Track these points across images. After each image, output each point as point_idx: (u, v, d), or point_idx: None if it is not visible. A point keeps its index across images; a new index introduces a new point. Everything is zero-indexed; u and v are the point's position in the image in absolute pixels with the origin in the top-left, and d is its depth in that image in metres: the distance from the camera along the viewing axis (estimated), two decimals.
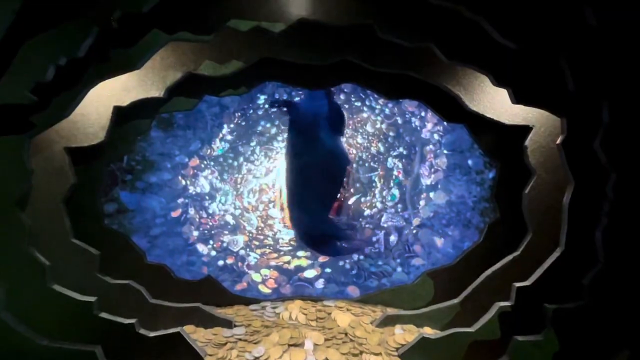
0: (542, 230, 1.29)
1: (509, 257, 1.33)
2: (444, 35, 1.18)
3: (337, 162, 1.68)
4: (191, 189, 1.70)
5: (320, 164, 1.65)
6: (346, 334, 1.31)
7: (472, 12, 1.07)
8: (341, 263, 1.72)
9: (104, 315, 1.15)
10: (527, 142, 1.28)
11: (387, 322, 1.37)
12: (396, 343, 1.27)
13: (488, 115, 1.33)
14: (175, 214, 1.67)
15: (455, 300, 1.36)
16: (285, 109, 1.72)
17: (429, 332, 1.32)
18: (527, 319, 1.16)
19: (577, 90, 1.08)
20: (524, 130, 1.29)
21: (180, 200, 1.68)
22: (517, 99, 1.17)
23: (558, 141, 1.15)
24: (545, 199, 1.29)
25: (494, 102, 1.33)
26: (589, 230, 1.11)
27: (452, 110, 1.45)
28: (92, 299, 1.14)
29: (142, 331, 1.16)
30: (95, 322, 1.14)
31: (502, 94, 1.28)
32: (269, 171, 1.84)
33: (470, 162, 1.66)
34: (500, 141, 1.46)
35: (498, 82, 1.19)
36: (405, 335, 1.29)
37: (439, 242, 1.68)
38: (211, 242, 1.71)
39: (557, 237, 1.18)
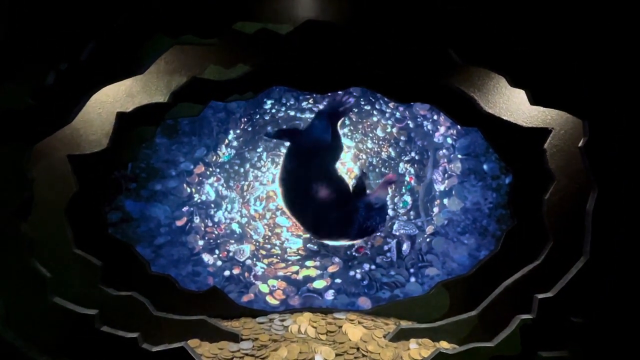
0: (564, 238, 1.25)
1: (529, 267, 1.29)
2: (457, 35, 1.15)
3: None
4: (196, 197, 1.67)
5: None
6: (358, 349, 1.28)
7: (487, 11, 1.04)
8: (352, 273, 1.69)
9: (105, 329, 1.12)
10: (546, 146, 1.25)
11: (401, 335, 1.34)
12: (411, 358, 1.23)
13: (504, 117, 1.30)
14: (180, 223, 1.65)
15: (473, 313, 1.32)
16: (284, 139, 1.70)
17: (445, 346, 1.28)
18: (551, 332, 1.12)
19: (599, 90, 1.04)
20: (543, 133, 1.26)
21: (185, 209, 1.66)
22: (535, 100, 1.13)
23: (580, 144, 1.11)
24: (567, 205, 1.25)
25: (510, 104, 1.29)
26: (614, 238, 1.07)
27: (466, 113, 1.42)
28: (93, 312, 1.12)
29: (145, 346, 1.13)
30: (96, 337, 1.11)
31: (519, 96, 1.25)
32: (276, 178, 1.82)
33: (485, 167, 1.62)
34: (518, 145, 1.43)
35: (515, 83, 1.15)
36: (420, 350, 1.25)
37: (453, 251, 1.64)
38: (217, 251, 1.68)
39: (580, 245, 1.14)
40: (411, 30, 1.20)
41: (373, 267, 1.69)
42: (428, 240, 1.67)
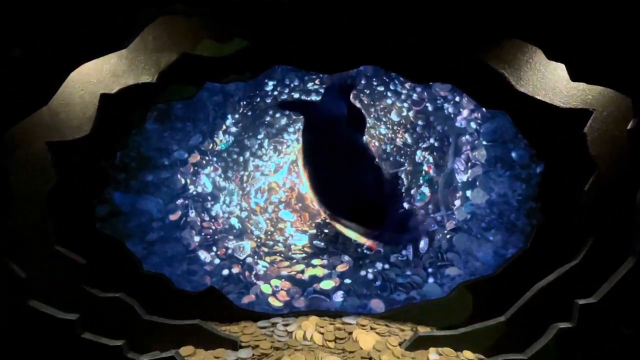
0: (606, 235, 1.17)
1: (566, 267, 1.22)
2: (485, 2, 1.07)
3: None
4: (192, 189, 1.64)
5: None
6: (371, 359, 1.22)
7: None
8: (363, 273, 1.65)
9: (87, 335, 1.08)
10: (586, 129, 1.18)
11: (419, 344, 1.27)
12: None
13: (538, 97, 1.24)
14: (174, 217, 1.61)
15: (501, 318, 1.26)
16: (296, 111, 1.63)
17: (470, 357, 1.22)
18: (594, 344, 1.05)
19: None
20: (582, 114, 1.18)
21: (179, 202, 1.62)
22: (575, 75, 1.07)
23: (629, 127, 1.07)
24: (610, 198, 1.17)
25: (545, 81, 1.21)
26: None
27: (493, 94, 1.34)
28: (73, 316, 1.08)
29: (131, 355, 1.11)
30: (77, 344, 1.08)
31: (556, 72, 1.18)
32: (279, 168, 1.79)
33: (514, 154, 1.55)
34: (552, 129, 1.33)
35: (552, 55, 1.08)
36: None
37: (477, 248, 1.58)
38: (214, 248, 1.65)
39: (627, 243, 1.08)
40: None
41: (387, 266, 1.66)
42: (449, 236, 1.63)
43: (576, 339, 1.06)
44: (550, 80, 1.20)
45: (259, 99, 1.67)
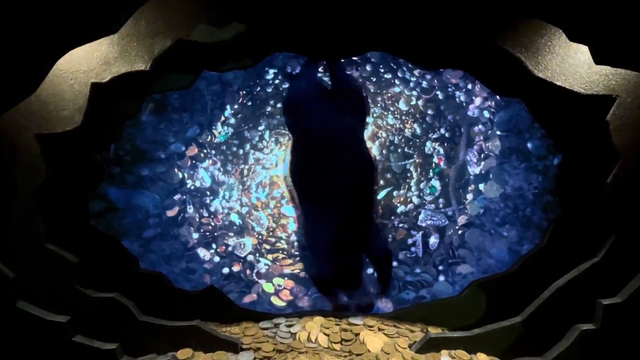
0: (630, 230, 1.14)
1: (586, 264, 1.19)
2: None
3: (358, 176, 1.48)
4: (189, 183, 1.64)
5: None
6: None
7: None
8: (370, 271, 1.63)
9: (78, 339, 1.07)
10: (609, 117, 1.14)
11: (430, 346, 1.25)
12: None
13: (557, 82, 1.20)
14: (171, 213, 1.62)
15: (517, 319, 1.22)
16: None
17: None
18: (620, 347, 1.02)
19: None
20: (605, 101, 1.15)
21: (176, 197, 1.63)
22: (600, 58, 1.06)
23: None
24: (634, 190, 1.14)
25: (565, 65, 1.17)
26: None
27: (508, 80, 1.32)
28: (63, 318, 1.06)
29: (125, 358, 1.09)
30: (67, 347, 1.06)
31: (576, 55, 1.15)
32: (281, 161, 1.76)
33: (530, 145, 1.55)
34: (571, 117, 1.30)
35: (574, 37, 1.07)
36: None
37: (491, 244, 1.58)
38: (214, 246, 1.65)
39: None
40: None
41: (395, 263, 1.65)
42: (460, 232, 1.63)
43: (600, 342, 1.03)
44: (570, 65, 1.17)
45: (259, 88, 1.65)
